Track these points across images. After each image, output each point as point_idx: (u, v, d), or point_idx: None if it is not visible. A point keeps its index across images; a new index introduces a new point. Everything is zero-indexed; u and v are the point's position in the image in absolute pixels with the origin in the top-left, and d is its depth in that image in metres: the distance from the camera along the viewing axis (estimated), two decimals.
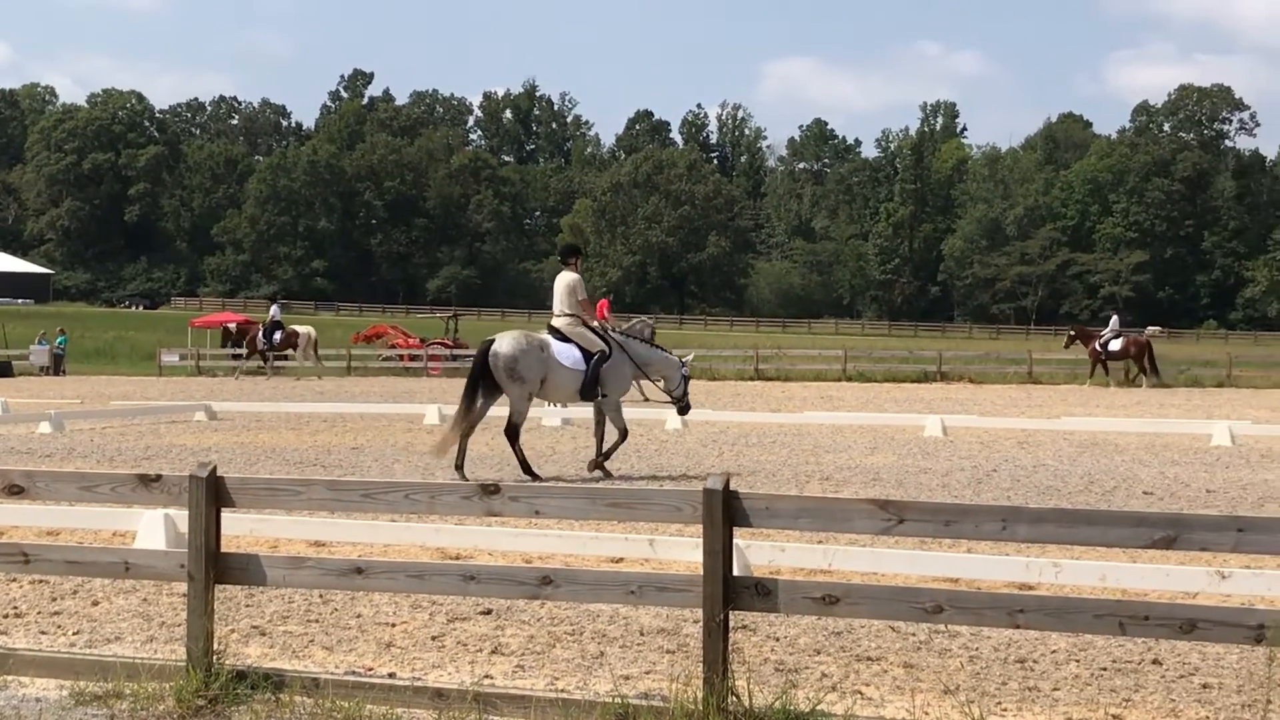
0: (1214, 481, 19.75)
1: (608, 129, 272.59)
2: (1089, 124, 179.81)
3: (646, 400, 21.98)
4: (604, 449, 19.83)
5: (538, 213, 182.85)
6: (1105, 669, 9.14)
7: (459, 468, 18.85)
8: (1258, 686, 8.49)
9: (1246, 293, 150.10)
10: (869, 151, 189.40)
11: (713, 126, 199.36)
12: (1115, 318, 49.33)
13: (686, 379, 21.08)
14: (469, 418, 19.07)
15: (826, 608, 7.97)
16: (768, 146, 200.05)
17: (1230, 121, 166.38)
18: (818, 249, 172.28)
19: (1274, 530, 7.65)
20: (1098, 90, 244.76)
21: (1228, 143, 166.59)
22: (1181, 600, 10.43)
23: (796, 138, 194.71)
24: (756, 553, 11.83)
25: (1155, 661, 9.28)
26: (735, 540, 10.97)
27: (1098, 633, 8.06)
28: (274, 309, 56.27)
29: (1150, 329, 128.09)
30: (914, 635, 9.90)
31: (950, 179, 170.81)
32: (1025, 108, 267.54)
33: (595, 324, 19.92)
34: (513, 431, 19.19)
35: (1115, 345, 46.93)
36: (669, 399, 21.04)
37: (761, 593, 8.02)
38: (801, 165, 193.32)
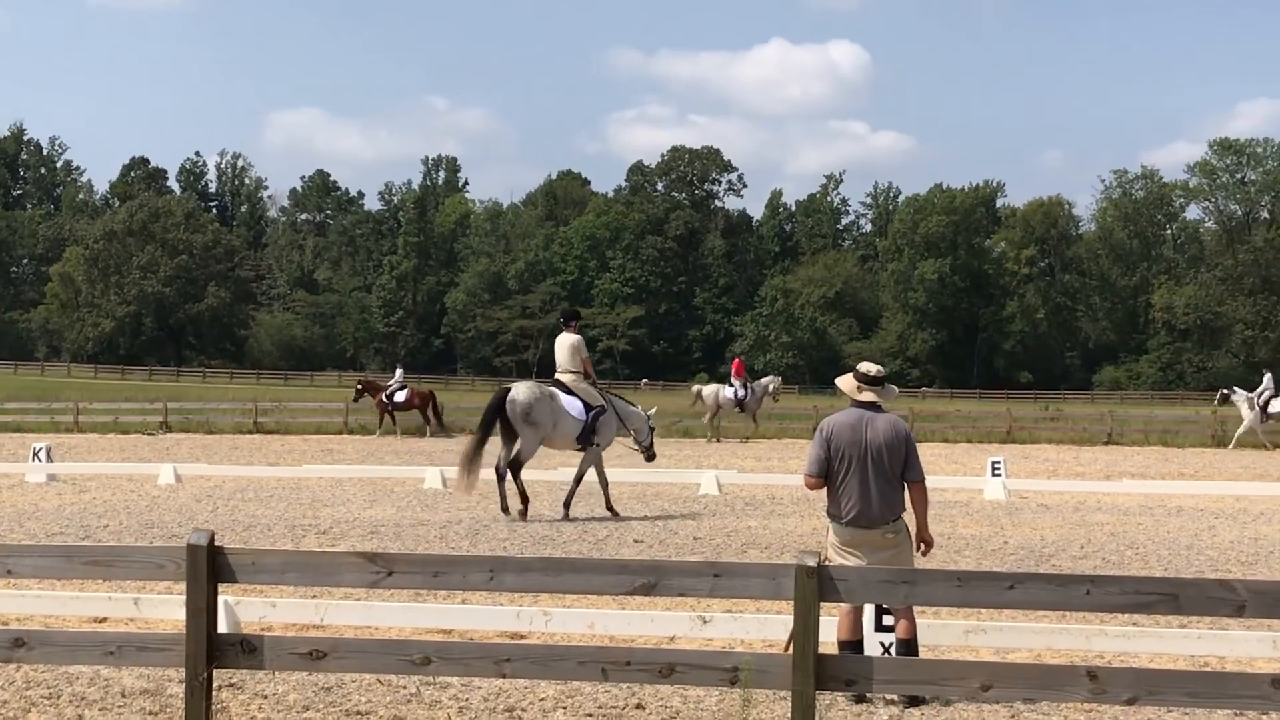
0: (701, 529, 20.46)
1: (101, 175, 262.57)
2: (588, 181, 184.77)
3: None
4: (572, 492, 22.21)
5: (25, 260, 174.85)
6: (591, 715, 9.31)
7: (505, 510, 21.24)
8: None
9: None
10: (372, 204, 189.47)
11: (212, 175, 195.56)
12: (400, 370, 50.10)
13: (652, 430, 23.92)
14: (479, 452, 21.26)
15: (314, 663, 7.88)
16: (269, 197, 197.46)
17: (720, 182, 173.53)
18: (320, 300, 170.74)
19: (748, 575, 7.98)
20: (599, 149, 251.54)
21: (717, 203, 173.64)
22: (665, 646, 10.73)
23: (299, 188, 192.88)
24: (247, 609, 11.58)
25: (639, 706, 9.51)
26: (225, 597, 10.75)
27: (582, 679, 8.24)
28: None
29: (644, 382, 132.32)
30: (405, 688, 9.87)
31: (453, 233, 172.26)
32: (527, 164, 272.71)
33: (594, 380, 22.47)
34: (517, 468, 21.45)
35: (400, 397, 47.21)
36: (638, 448, 23.49)
37: (247, 650, 7.87)
38: (304, 216, 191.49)
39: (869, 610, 10.36)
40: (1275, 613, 7.83)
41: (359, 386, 50.94)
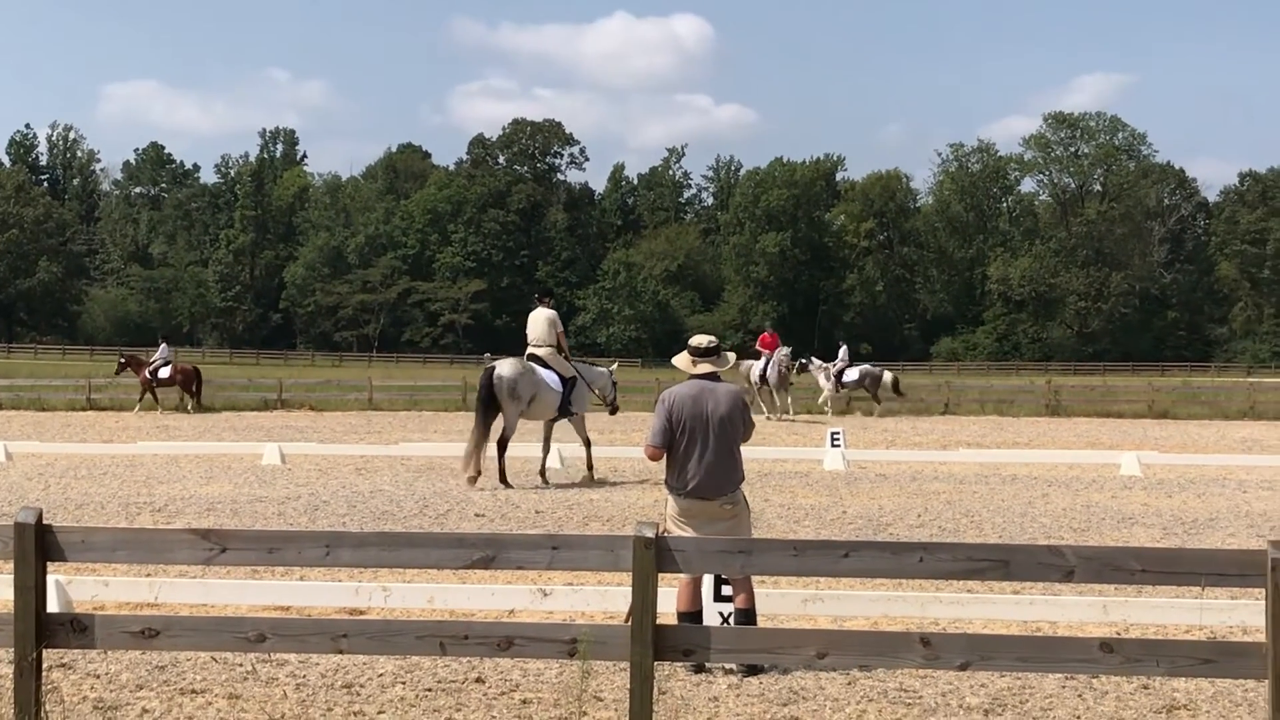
0: (543, 502, 20.46)
1: None
2: (428, 155, 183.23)
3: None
4: (588, 461, 24.30)
5: None
6: (430, 689, 9.28)
7: (503, 481, 22.41)
8: (573, 699, 8.81)
9: (578, 320, 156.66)
10: (209, 177, 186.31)
11: (43, 148, 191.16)
12: (164, 345, 48.13)
13: (615, 385, 25.61)
14: (484, 434, 22.24)
15: (147, 641, 7.77)
16: (102, 170, 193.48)
17: (562, 155, 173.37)
18: (155, 275, 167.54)
19: (586, 547, 8.00)
20: (441, 122, 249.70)
21: (559, 176, 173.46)
22: (504, 619, 10.72)
23: (133, 161, 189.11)
24: (80, 588, 11.40)
25: (479, 680, 9.49)
26: (57, 576, 10.56)
27: (420, 654, 8.20)
28: None
29: (486, 355, 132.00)
30: (241, 665, 9.76)
31: (292, 206, 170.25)
32: (367, 137, 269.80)
33: (567, 353, 23.81)
34: (503, 443, 22.66)
35: (164, 373, 45.95)
36: (603, 403, 25.31)
37: (78, 629, 7.73)
38: (138, 190, 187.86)
39: (708, 581, 10.42)
40: (1103, 578, 7.98)
41: (121, 360, 49.59)
